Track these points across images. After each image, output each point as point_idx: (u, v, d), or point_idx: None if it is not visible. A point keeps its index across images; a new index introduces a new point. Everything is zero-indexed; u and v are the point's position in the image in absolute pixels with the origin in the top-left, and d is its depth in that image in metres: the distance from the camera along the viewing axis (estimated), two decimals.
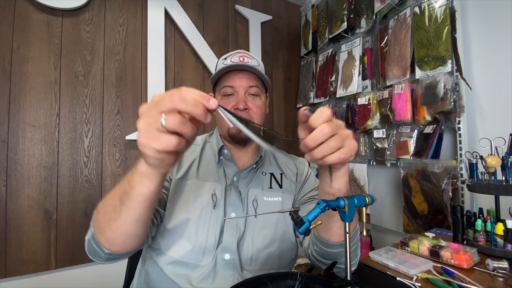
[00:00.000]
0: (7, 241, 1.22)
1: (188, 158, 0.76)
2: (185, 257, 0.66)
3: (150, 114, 0.37)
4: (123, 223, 0.49)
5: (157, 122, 0.36)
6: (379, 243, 1.62)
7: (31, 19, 1.32)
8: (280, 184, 0.79)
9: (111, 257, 0.56)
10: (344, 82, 1.77)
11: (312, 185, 0.81)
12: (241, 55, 0.74)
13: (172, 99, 0.36)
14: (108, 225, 0.51)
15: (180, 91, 0.37)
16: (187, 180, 0.72)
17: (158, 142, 0.36)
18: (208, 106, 0.37)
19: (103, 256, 0.55)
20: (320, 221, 0.49)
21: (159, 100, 0.37)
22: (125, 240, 0.53)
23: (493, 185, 0.79)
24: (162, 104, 0.36)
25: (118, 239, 0.52)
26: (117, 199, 0.48)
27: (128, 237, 0.52)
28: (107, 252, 0.53)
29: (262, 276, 0.54)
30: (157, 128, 0.36)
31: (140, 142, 0.37)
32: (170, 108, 0.36)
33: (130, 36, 1.56)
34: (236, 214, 0.71)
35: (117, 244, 0.53)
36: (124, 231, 0.51)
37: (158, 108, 0.36)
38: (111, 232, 0.51)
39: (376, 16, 1.55)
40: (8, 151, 1.25)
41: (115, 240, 0.52)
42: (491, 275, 0.65)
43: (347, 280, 0.51)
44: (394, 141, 1.45)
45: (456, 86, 1.19)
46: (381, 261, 0.73)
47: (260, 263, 0.70)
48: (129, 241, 0.53)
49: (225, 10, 1.91)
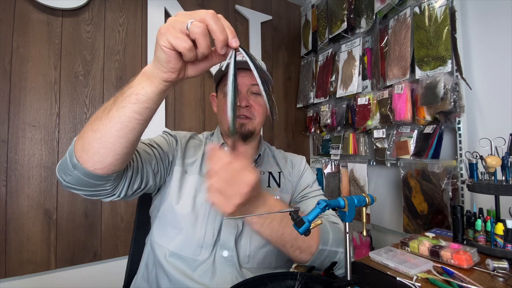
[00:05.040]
0: (7, 241, 1.22)
1: (192, 153, 0.77)
2: (183, 250, 0.67)
3: (182, 16, 0.40)
4: (107, 123, 0.46)
5: (184, 23, 0.39)
6: (379, 243, 1.62)
7: (31, 19, 1.32)
8: (278, 183, 0.79)
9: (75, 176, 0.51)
10: (344, 82, 1.77)
11: (305, 183, 0.82)
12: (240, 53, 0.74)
13: (207, 12, 0.39)
14: (92, 125, 0.47)
15: (218, 15, 0.40)
16: (190, 175, 0.73)
17: (174, 37, 0.39)
18: (230, 42, 0.41)
19: (69, 171, 0.51)
20: (320, 221, 0.49)
21: (196, 11, 0.40)
22: (100, 148, 0.47)
23: (493, 185, 0.79)
24: (196, 13, 0.40)
25: (95, 143, 0.47)
26: (112, 99, 0.48)
27: (106, 144, 0.47)
28: (75, 162, 0.49)
29: (262, 276, 0.54)
30: (181, 28, 0.39)
31: (161, 30, 0.40)
32: (202, 18, 0.39)
33: (130, 36, 1.56)
34: None
35: (91, 149, 0.48)
36: (104, 133, 0.46)
37: (192, 15, 0.40)
38: (92, 133, 0.47)
39: (376, 16, 1.55)
40: (8, 151, 1.25)
41: (91, 143, 0.48)
42: (491, 275, 0.65)
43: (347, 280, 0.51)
44: (394, 141, 1.45)
45: (456, 86, 1.19)
46: (381, 261, 0.73)
47: (258, 261, 0.70)
48: (103, 150, 0.48)
49: (225, 10, 1.91)
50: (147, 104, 0.45)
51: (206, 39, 0.39)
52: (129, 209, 1.48)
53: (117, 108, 0.45)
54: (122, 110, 0.45)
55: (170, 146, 0.75)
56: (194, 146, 0.79)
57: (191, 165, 0.75)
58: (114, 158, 0.49)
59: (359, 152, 1.69)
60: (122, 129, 0.46)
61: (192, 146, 0.79)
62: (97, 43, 1.47)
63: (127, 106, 0.45)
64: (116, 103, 0.46)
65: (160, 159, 0.69)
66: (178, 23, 0.39)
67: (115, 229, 1.46)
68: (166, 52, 0.40)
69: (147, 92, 0.44)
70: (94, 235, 1.41)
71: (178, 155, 0.74)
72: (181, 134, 0.80)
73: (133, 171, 0.61)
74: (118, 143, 0.47)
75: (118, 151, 0.49)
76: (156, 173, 0.68)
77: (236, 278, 0.66)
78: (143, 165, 0.63)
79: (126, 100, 0.45)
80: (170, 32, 0.39)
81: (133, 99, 0.44)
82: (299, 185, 0.82)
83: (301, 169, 0.85)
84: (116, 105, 0.46)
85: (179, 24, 0.39)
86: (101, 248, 1.42)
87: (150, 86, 0.44)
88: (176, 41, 0.38)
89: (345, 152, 1.77)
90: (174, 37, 0.38)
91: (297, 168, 0.85)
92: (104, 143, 0.47)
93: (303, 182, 0.83)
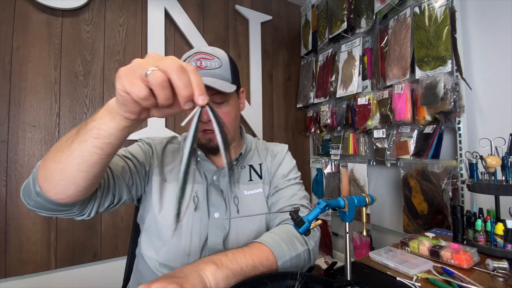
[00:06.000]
0: (7, 241, 1.22)
1: (170, 160, 0.74)
2: (170, 261, 0.66)
3: (149, 61, 0.37)
4: (68, 156, 0.45)
5: (145, 69, 0.36)
6: (379, 243, 1.62)
7: (31, 19, 1.32)
8: (260, 175, 0.78)
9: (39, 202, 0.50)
10: (344, 82, 1.77)
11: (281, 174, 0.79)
12: (198, 58, 0.66)
13: (172, 64, 0.36)
14: (54, 156, 0.47)
15: (186, 66, 0.37)
16: (169, 183, 0.71)
17: (130, 83, 0.36)
18: (195, 99, 0.37)
19: (32, 197, 0.50)
20: (320, 220, 0.49)
21: (164, 58, 0.37)
22: (60, 180, 0.47)
23: (493, 185, 0.79)
24: (163, 61, 0.36)
25: (56, 174, 0.47)
26: (76, 129, 0.46)
27: (66, 176, 0.46)
28: (37, 190, 0.49)
29: (262, 276, 0.54)
30: (140, 74, 0.36)
31: (120, 71, 0.37)
32: (164, 69, 0.36)
33: (130, 36, 1.56)
34: (219, 213, 0.70)
35: (52, 180, 0.47)
36: (65, 166, 0.45)
37: (158, 62, 0.36)
38: (53, 164, 0.46)
39: (376, 16, 1.55)
40: (8, 151, 1.25)
41: (52, 174, 0.47)
42: (491, 275, 0.65)
43: (347, 280, 0.52)
44: (394, 141, 1.45)
45: (456, 86, 1.19)
46: (381, 261, 0.73)
47: None
48: (64, 182, 0.47)
49: (225, 10, 1.91)
50: (108, 140, 0.43)
51: (165, 91, 0.36)
52: (129, 209, 1.48)
53: (78, 141, 0.44)
54: (84, 144, 0.44)
55: (146, 155, 0.72)
56: (172, 151, 0.76)
57: (170, 172, 0.72)
58: (76, 190, 0.48)
59: (359, 152, 1.69)
60: (84, 163, 0.45)
61: (170, 151, 0.76)
62: (97, 43, 1.47)
63: (89, 140, 0.43)
64: (78, 135, 0.44)
65: (136, 171, 0.67)
66: (139, 68, 0.36)
67: (115, 229, 1.46)
68: (122, 96, 0.37)
69: (108, 128, 0.42)
70: (94, 235, 1.41)
71: (155, 164, 0.72)
72: (156, 141, 0.77)
73: (103, 191, 0.59)
74: (79, 176, 0.46)
75: (79, 183, 0.48)
76: (131, 186, 0.66)
77: None
78: (115, 181, 0.62)
79: (88, 134, 0.43)
80: (128, 77, 0.36)
81: (95, 133, 0.43)
82: (275, 176, 0.79)
83: (280, 159, 0.82)
84: (78, 137, 0.44)
85: (140, 70, 0.36)
86: (101, 248, 1.42)
87: (111, 122, 0.42)
88: (131, 88, 0.36)
89: (345, 152, 1.77)
90: (130, 83, 0.36)
91: (277, 159, 0.82)
92: (65, 175, 0.46)
93: (279, 173, 0.80)
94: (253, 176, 0.77)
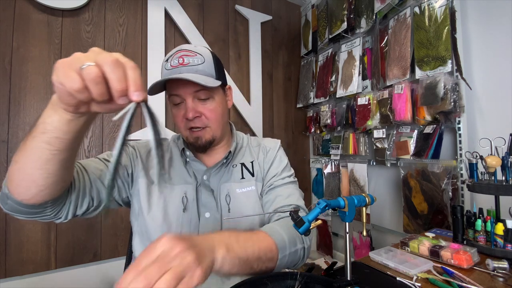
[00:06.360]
0: (7, 241, 1.22)
1: None
2: None
3: (86, 55, 0.37)
4: (23, 154, 0.45)
5: (81, 62, 0.35)
6: (379, 243, 1.62)
7: (31, 19, 1.32)
8: (252, 172, 0.77)
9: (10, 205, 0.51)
10: (344, 82, 1.77)
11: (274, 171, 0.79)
12: (181, 55, 0.67)
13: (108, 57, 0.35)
14: (14, 156, 0.47)
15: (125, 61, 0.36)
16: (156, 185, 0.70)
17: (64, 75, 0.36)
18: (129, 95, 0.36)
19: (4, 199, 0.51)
20: (320, 220, 0.49)
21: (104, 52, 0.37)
22: (20, 180, 0.47)
23: (493, 185, 0.79)
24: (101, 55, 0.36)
25: (16, 174, 0.47)
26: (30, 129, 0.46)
27: (24, 176, 0.47)
28: (6, 192, 0.50)
29: (262, 276, 0.54)
30: (75, 67, 0.35)
31: (56, 64, 0.37)
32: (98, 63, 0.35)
33: (130, 36, 1.56)
34: (210, 213, 0.70)
35: (13, 181, 0.48)
36: (22, 165, 0.46)
37: (95, 57, 0.36)
38: (14, 164, 0.47)
39: (376, 16, 1.55)
40: (8, 151, 1.25)
41: (13, 175, 0.47)
42: (491, 275, 0.65)
43: (347, 280, 0.52)
44: (394, 141, 1.45)
45: (456, 86, 1.19)
46: (381, 261, 0.73)
47: None
48: (24, 183, 0.47)
49: (225, 10, 1.91)
50: (55, 134, 0.42)
51: (99, 86, 0.35)
52: (129, 209, 1.48)
53: (31, 138, 0.43)
54: (34, 141, 0.43)
55: (129, 158, 0.72)
56: None
57: None
58: (38, 189, 0.48)
59: (359, 152, 1.69)
60: (37, 160, 0.44)
61: None
62: (97, 43, 1.47)
63: (37, 136, 0.43)
64: (30, 132, 0.44)
65: None
66: (76, 61, 0.36)
67: (115, 229, 1.46)
68: (57, 88, 0.37)
69: (52, 121, 0.41)
70: (94, 235, 1.41)
71: (140, 167, 0.72)
72: (141, 144, 0.77)
73: (79, 193, 0.59)
74: (37, 175, 0.46)
75: (38, 182, 0.47)
76: None
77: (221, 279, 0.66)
78: (92, 184, 0.61)
79: (36, 129, 0.43)
80: (64, 69, 0.36)
81: (41, 128, 0.42)
82: (268, 173, 0.79)
83: (273, 156, 0.81)
84: (29, 135, 0.43)
85: (76, 63, 0.35)
86: (101, 248, 1.42)
87: (54, 115, 0.41)
88: (65, 79, 0.35)
89: (345, 152, 1.77)
90: (64, 75, 0.35)
91: (269, 155, 0.81)
92: (23, 175, 0.46)
93: (272, 170, 0.79)
94: (245, 174, 0.77)
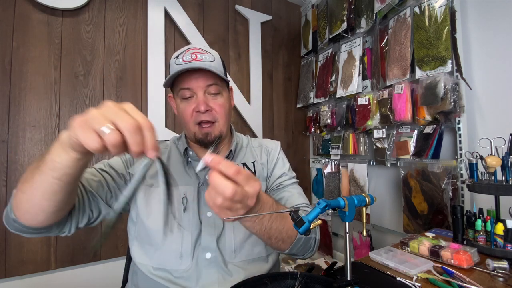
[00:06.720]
0: (7, 241, 1.22)
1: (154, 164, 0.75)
2: (162, 264, 0.67)
3: (105, 115, 0.38)
4: (31, 187, 0.47)
5: (100, 125, 0.37)
6: (379, 243, 1.62)
7: (31, 19, 1.32)
8: (254, 172, 0.78)
9: (17, 227, 0.54)
10: (344, 82, 1.77)
11: (280, 171, 0.81)
12: (193, 52, 0.69)
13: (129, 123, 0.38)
14: (21, 186, 0.49)
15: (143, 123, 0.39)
16: (156, 188, 0.71)
17: (84, 136, 0.38)
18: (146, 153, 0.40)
19: (11, 223, 0.54)
20: (320, 220, 0.49)
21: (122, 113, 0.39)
22: (28, 208, 0.50)
23: (493, 185, 0.79)
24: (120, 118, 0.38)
25: (23, 204, 0.50)
26: (37, 162, 0.48)
27: (33, 205, 0.50)
28: (12, 217, 0.53)
29: (262, 276, 0.54)
30: (95, 128, 0.38)
31: (75, 121, 0.39)
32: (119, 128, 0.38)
33: (130, 36, 1.56)
34: (211, 212, 0.70)
35: (21, 209, 0.51)
36: (30, 197, 0.48)
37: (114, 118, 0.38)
38: (21, 194, 0.49)
39: (376, 16, 1.55)
40: (8, 151, 1.25)
41: (21, 204, 0.50)
42: (491, 275, 0.65)
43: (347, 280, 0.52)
44: (394, 141, 1.45)
45: (456, 86, 1.19)
46: (381, 261, 0.73)
47: (246, 253, 0.70)
48: (32, 210, 0.50)
49: (225, 10, 1.91)
50: (64, 170, 0.45)
51: (118, 149, 0.39)
52: None
53: (39, 173, 0.46)
54: (43, 176, 0.46)
55: (126, 165, 0.72)
56: None
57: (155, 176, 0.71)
58: (45, 216, 0.51)
59: (359, 152, 1.69)
60: (46, 192, 0.47)
61: None
62: (97, 43, 1.47)
63: (46, 172, 0.45)
64: (38, 167, 0.46)
65: (114, 183, 0.68)
66: (94, 121, 0.38)
67: (115, 229, 1.46)
68: (73, 141, 0.40)
69: (62, 160, 0.44)
70: (94, 235, 1.41)
71: None
72: None
73: (79, 210, 0.61)
74: (45, 204, 0.49)
75: (47, 210, 0.50)
76: (110, 199, 0.67)
77: (223, 276, 0.66)
78: (90, 198, 0.63)
79: (45, 166, 0.45)
80: (82, 128, 0.38)
81: (50, 166, 0.45)
82: (273, 173, 0.80)
83: (276, 156, 0.83)
84: (38, 170, 0.46)
85: (94, 123, 0.38)
86: (101, 248, 1.42)
87: (64, 155, 0.44)
88: (85, 140, 0.38)
89: (345, 152, 1.77)
90: (83, 135, 0.38)
91: (272, 155, 0.83)
92: (31, 204, 0.49)
93: (277, 170, 0.81)
94: None
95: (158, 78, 1.58)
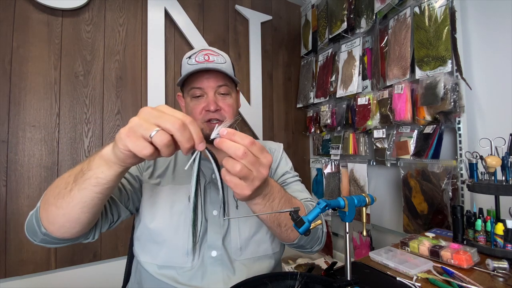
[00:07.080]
0: (7, 241, 1.22)
1: (162, 163, 0.76)
2: (168, 262, 0.67)
3: (148, 119, 0.39)
4: (70, 202, 0.48)
5: (148, 130, 0.38)
6: (379, 243, 1.62)
7: (31, 19, 1.32)
8: None
9: (46, 240, 0.54)
10: (344, 82, 1.77)
11: (283, 170, 0.82)
12: (206, 53, 0.72)
13: (174, 122, 0.38)
14: (55, 201, 0.49)
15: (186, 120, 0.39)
16: (163, 186, 0.72)
17: (134, 144, 0.38)
18: (196, 147, 0.41)
19: (39, 236, 0.54)
20: (320, 220, 0.49)
21: (163, 115, 0.39)
22: (65, 222, 0.51)
23: (493, 185, 0.79)
24: (164, 119, 0.38)
25: (59, 218, 0.50)
26: (72, 176, 0.48)
27: (70, 219, 0.50)
28: (43, 231, 0.52)
29: (262, 276, 0.54)
30: (143, 134, 0.38)
31: (121, 133, 0.39)
32: (167, 129, 0.38)
33: (130, 36, 1.56)
34: (217, 210, 0.71)
35: (56, 223, 0.51)
36: (68, 211, 0.49)
37: (158, 121, 0.38)
38: (55, 209, 0.49)
39: (376, 16, 1.55)
40: (8, 151, 1.25)
41: (56, 218, 0.50)
42: (491, 275, 0.65)
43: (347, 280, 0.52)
44: (394, 141, 1.45)
45: (456, 86, 1.19)
46: (381, 261, 0.73)
47: (251, 251, 0.70)
48: (69, 224, 0.51)
49: (225, 10, 1.91)
50: (107, 185, 0.46)
51: (170, 148, 0.39)
52: None
53: (78, 188, 0.46)
54: (84, 191, 0.46)
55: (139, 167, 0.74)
56: None
57: (163, 174, 0.74)
58: (81, 228, 0.53)
59: (359, 152, 1.69)
60: (86, 206, 0.48)
61: None
62: (97, 43, 1.47)
63: (88, 188, 0.46)
64: (77, 183, 0.47)
65: (130, 187, 0.70)
66: (141, 128, 0.38)
67: (115, 229, 1.44)
68: (124, 154, 0.40)
69: (106, 176, 0.45)
70: None
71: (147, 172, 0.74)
72: None
73: (103, 216, 0.62)
74: (83, 217, 0.50)
75: (83, 222, 0.51)
76: (127, 202, 0.69)
77: (228, 275, 0.66)
78: (110, 203, 0.64)
79: (87, 182, 0.46)
80: (131, 138, 0.38)
81: (93, 182, 0.45)
82: (277, 172, 0.82)
83: (279, 156, 0.85)
84: (77, 185, 0.47)
85: (142, 130, 0.38)
86: (101, 248, 1.42)
87: (109, 171, 0.44)
88: (136, 148, 0.38)
89: (345, 152, 1.77)
90: (133, 144, 0.38)
91: (275, 155, 0.85)
92: (68, 218, 0.50)
93: (281, 169, 0.83)
94: None
95: (158, 78, 1.58)
